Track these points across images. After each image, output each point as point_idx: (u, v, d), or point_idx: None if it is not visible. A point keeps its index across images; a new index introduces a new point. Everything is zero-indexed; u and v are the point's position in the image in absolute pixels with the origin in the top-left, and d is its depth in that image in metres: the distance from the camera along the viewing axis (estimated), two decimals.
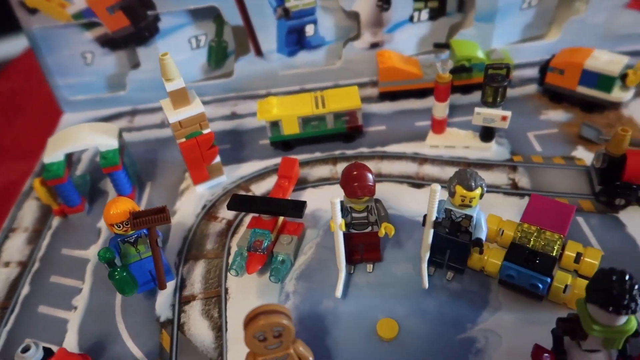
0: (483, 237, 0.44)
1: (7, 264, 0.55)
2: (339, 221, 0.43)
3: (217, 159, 0.58)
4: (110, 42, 0.68)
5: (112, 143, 0.56)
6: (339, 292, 0.46)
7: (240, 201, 0.51)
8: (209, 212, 0.57)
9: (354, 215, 0.45)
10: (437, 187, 0.42)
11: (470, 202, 0.42)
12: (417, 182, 0.57)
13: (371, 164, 0.60)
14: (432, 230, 0.44)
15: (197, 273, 0.51)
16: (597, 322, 0.33)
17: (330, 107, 0.60)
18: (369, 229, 0.45)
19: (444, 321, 0.44)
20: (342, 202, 0.45)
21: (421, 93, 0.68)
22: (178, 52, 0.69)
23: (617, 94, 0.60)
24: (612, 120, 0.62)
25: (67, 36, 0.68)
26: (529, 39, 0.72)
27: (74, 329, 0.48)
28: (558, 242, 0.44)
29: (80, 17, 0.66)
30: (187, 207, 0.58)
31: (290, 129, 0.61)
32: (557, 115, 0.64)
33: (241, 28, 0.68)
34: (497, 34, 0.71)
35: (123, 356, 0.45)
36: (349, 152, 0.63)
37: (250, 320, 0.35)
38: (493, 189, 0.55)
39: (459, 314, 0.44)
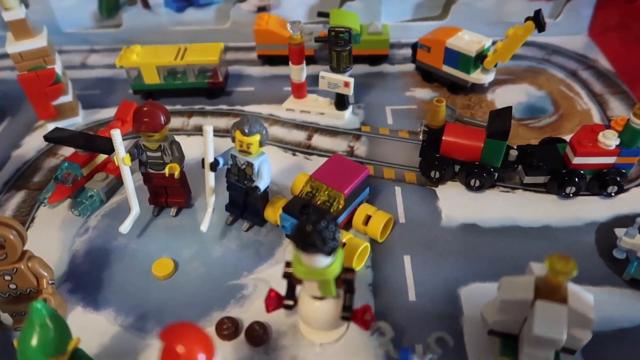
0: (261, 186, 0.44)
1: None
2: (121, 154, 0.44)
3: (67, 98, 0.58)
4: None
5: None
6: (123, 227, 0.46)
7: (58, 134, 0.51)
8: (50, 149, 0.58)
9: (149, 154, 0.45)
10: (209, 127, 0.42)
11: (248, 147, 0.42)
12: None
13: (224, 121, 0.61)
14: (212, 174, 0.45)
15: (14, 202, 0.52)
16: (301, 264, 0.33)
17: (188, 60, 0.60)
18: (166, 170, 0.46)
19: (223, 267, 0.44)
20: (137, 142, 0.45)
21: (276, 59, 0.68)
22: None
23: (476, 75, 0.60)
24: (473, 102, 0.62)
25: None
26: (421, 19, 0.72)
27: None
28: (338, 200, 0.44)
29: None
30: (33, 142, 0.58)
31: (151, 78, 0.61)
32: (423, 93, 0.64)
33: None
34: (387, 11, 0.70)
35: None
36: (208, 107, 0.63)
37: None
38: (328, 154, 0.56)
39: (240, 263, 0.45)
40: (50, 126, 0.59)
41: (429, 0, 0.71)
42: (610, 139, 0.46)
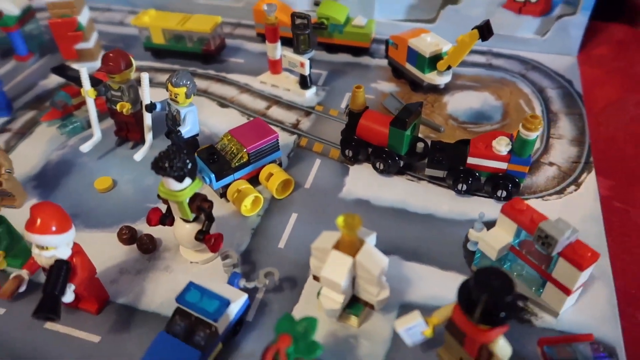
0: (183, 131, 0.52)
1: None
2: (87, 87, 0.54)
3: (88, 45, 0.71)
4: None
5: (14, 10, 0.71)
6: (84, 147, 0.57)
7: (63, 69, 0.63)
8: (66, 83, 0.69)
9: (112, 92, 0.56)
10: (145, 74, 0.52)
11: (175, 97, 0.51)
12: (226, 104, 0.66)
13: (207, 83, 0.70)
14: (149, 115, 0.54)
15: (25, 118, 0.65)
16: (162, 185, 0.41)
17: (186, 27, 0.70)
18: (119, 107, 0.56)
19: (146, 192, 0.53)
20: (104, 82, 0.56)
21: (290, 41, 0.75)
22: None
23: (431, 75, 0.63)
24: (429, 101, 0.65)
25: None
26: (412, 20, 0.76)
27: None
28: (242, 155, 0.51)
29: None
30: (55, 76, 0.72)
31: (158, 39, 0.73)
32: (387, 86, 0.68)
33: None
34: (382, 8, 0.75)
35: None
36: (200, 71, 0.73)
37: None
38: (277, 124, 0.63)
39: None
40: (74, 65, 0.72)
41: (424, 3, 0.75)
42: (501, 145, 0.48)
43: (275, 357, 0.32)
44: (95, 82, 0.59)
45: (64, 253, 0.38)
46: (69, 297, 0.38)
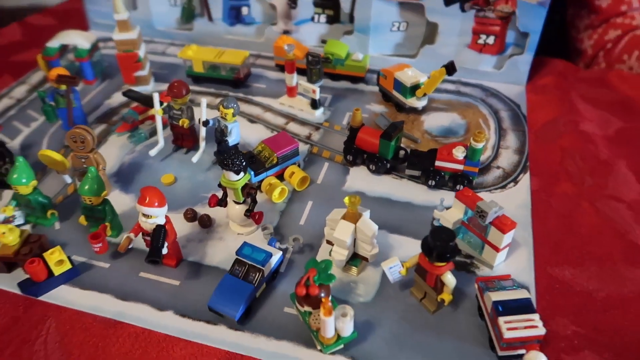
0: (230, 140, 0.71)
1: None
2: (157, 108, 0.73)
3: (144, 72, 0.90)
4: None
5: (86, 45, 0.90)
6: (152, 152, 0.75)
7: (131, 92, 0.82)
8: (127, 102, 0.88)
9: (174, 112, 0.74)
10: (204, 99, 0.72)
11: (225, 116, 0.69)
12: (254, 120, 0.85)
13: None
14: (204, 128, 0.73)
15: (98, 130, 0.83)
16: (224, 177, 0.60)
17: (222, 60, 0.89)
18: (180, 122, 0.74)
19: (201, 185, 0.72)
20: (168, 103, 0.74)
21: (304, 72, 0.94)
22: (161, 5, 1.03)
23: (412, 100, 0.83)
24: (410, 119, 0.84)
25: None
26: (398, 55, 0.95)
27: None
28: (272, 158, 0.69)
29: None
30: (118, 97, 0.90)
31: (198, 68, 0.92)
32: (378, 108, 0.87)
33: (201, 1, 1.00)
34: (375, 44, 0.94)
35: None
36: (231, 93, 0.92)
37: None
38: (294, 136, 0.81)
39: (211, 184, 0.72)
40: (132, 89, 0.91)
41: (408, 42, 0.94)
42: (459, 152, 0.68)
43: (306, 283, 0.50)
44: (151, 100, 0.78)
45: (161, 221, 0.57)
46: (164, 250, 0.56)
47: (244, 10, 0.98)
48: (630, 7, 0.95)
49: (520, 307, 0.50)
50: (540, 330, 0.48)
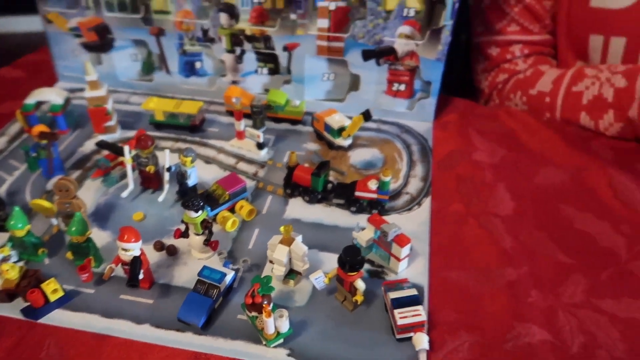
0: (189, 183, 0.87)
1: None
2: (127, 157, 0.88)
3: (112, 122, 1.04)
4: (87, 47, 1.17)
5: (59, 100, 1.04)
6: (123, 194, 0.90)
7: (104, 143, 0.96)
8: (98, 150, 1.02)
9: (142, 159, 0.89)
10: (167, 150, 0.87)
11: (185, 163, 0.85)
12: (209, 161, 1.01)
13: (194, 147, 1.04)
14: (167, 173, 0.88)
15: (74, 175, 0.97)
16: (186, 215, 0.75)
17: (180, 109, 1.05)
18: (147, 168, 0.90)
19: (166, 220, 0.87)
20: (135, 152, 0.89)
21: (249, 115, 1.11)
22: (123, 61, 1.17)
23: (339, 140, 1.01)
24: (339, 155, 1.02)
25: (67, 39, 1.17)
26: (329, 100, 1.14)
27: None
28: (225, 195, 0.85)
29: (73, 30, 1.15)
30: (90, 145, 1.04)
31: (159, 117, 1.07)
32: (313, 146, 1.05)
33: (159, 55, 1.15)
34: (308, 92, 1.13)
35: None
36: (188, 138, 1.07)
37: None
38: (243, 173, 0.98)
39: (174, 219, 0.87)
40: (101, 137, 1.05)
41: (337, 89, 1.13)
42: (372, 184, 0.86)
43: (252, 294, 0.66)
44: (121, 149, 0.93)
45: (137, 253, 0.72)
46: (140, 276, 0.71)
47: (198, 64, 1.15)
48: (514, 56, 1.17)
49: (409, 301, 0.68)
50: (423, 317, 0.66)
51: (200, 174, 0.95)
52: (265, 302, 0.66)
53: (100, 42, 1.15)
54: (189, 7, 1.07)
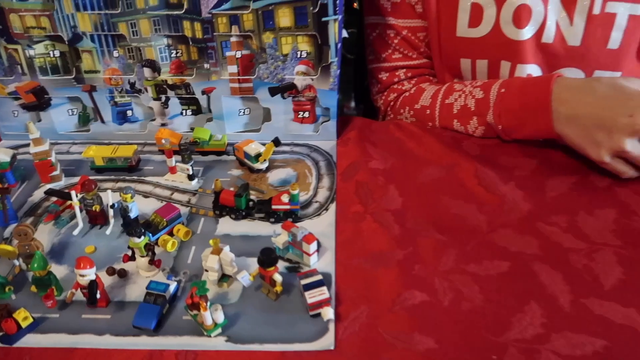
0: (131, 216, 1.03)
1: None
2: (75, 200, 1.03)
3: (56, 172, 1.18)
4: (26, 107, 1.31)
5: (6, 158, 1.17)
6: (75, 232, 1.04)
7: (52, 191, 1.10)
8: (47, 198, 1.16)
9: (87, 201, 1.04)
10: (109, 191, 1.02)
11: (125, 199, 1.01)
12: (147, 195, 1.17)
13: (133, 184, 1.19)
14: (112, 209, 1.04)
15: (28, 221, 1.10)
16: (132, 242, 0.91)
17: (117, 154, 1.20)
18: (93, 208, 1.05)
19: (114, 250, 1.02)
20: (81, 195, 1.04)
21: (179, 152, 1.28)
22: (61, 116, 1.31)
23: (257, 164, 1.20)
24: (258, 177, 1.21)
25: (7, 102, 1.30)
26: (248, 131, 1.33)
27: None
28: (163, 222, 1.02)
29: (12, 94, 1.28)
30: (39, 193, 1.17)
31: (99, 162, 1.22)
32: (236, 172, 1.23)
33: (93, 108, 1.30)
34: (228, 126, 1.31)
35: None
36: (127, 177, 1.23)
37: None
38: (177, 202, 1.14)
39: (122, 248, 1.02)
40: (48, 186, 1.19)
41: (253, 120, 1.32)
42: (285, 198, 1.04)
43: (191, 296, 0.83)
44: (68, 195, 1.07)
45: (93, 277, 0.87)
46: (98, 296, 0.86)
47: (129, 112, 1.30)
48: (400, 79, 1.41)
49: (316, 284, 0.87)
50: (327, 295, 0.85)
51: (141, 207, 1.11)
52: (203, 301, 0.83)
53: (38, 102, 1.29)
54: (116, 65, 1.23)
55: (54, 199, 1.11)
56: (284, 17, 1.12)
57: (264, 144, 1.20)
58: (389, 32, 1.36)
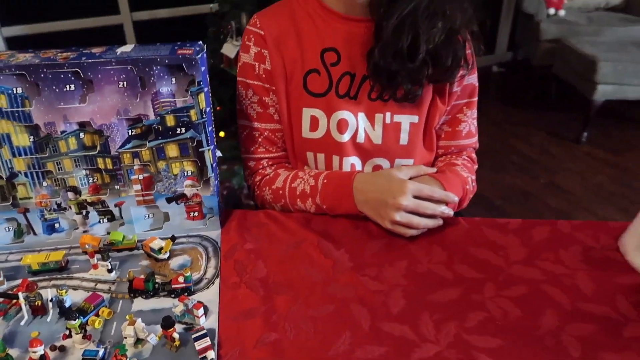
0: (66, 306, 1.40)
1: None
2: (21, 299, 1.39)
3: (0, 278, 1.52)
4: None
5: None
6: (22, 323, 1.39)
7: (1, 294, 1.44)
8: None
9: (30, 298, 1.40)
10: (48, 289, 1.40)
11: (61, 294, 1.39)
12: (76, 288, 1.54)
13: (62, 282, 1.57)
14: (50, 303, 1.40)
15: None
16: (69, 324, 1.29)
17: (49, 259, 1.57)
18: (36, 303, 1.41)
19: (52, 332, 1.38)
20: None
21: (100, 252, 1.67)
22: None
23: (161, 256, 1.62)
24: (163, 264, 1.63)
25: None
26: (154, 229, 1.76)
27: None
28: (90, 307, 1.41)
29: None
30: None
31: (35, 267, 1.56)
32: (145, 262, 1.65)
33: (27, 224, 1.67)
34: (137, 228, 1.73)
35: None
36: (59, 276, 1.59)
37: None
38: (101, 290, 1.53)
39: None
40: None
41: (156, 222, 1.75)
42: (180, 278, 1.47)
43: (115, 355, 1.22)
44: (14, 296, 1.42)
45: (42, 352, 1.23)
46: None
47: (57, 225, 1.68)
48: (263, 166, 1.70)
49: (202, 337, 1.29)
50: (209, 342, 1.28)
51: (73, 298, 1.47)
52: (124, 358, 1.22)
53: None
54: (45, 192, 1.62)
55: (2, 300, 1.45)
56: (172, 150, 1.60)
57: (165, 239, 1.63)
58: (254, 132, 1.84)
